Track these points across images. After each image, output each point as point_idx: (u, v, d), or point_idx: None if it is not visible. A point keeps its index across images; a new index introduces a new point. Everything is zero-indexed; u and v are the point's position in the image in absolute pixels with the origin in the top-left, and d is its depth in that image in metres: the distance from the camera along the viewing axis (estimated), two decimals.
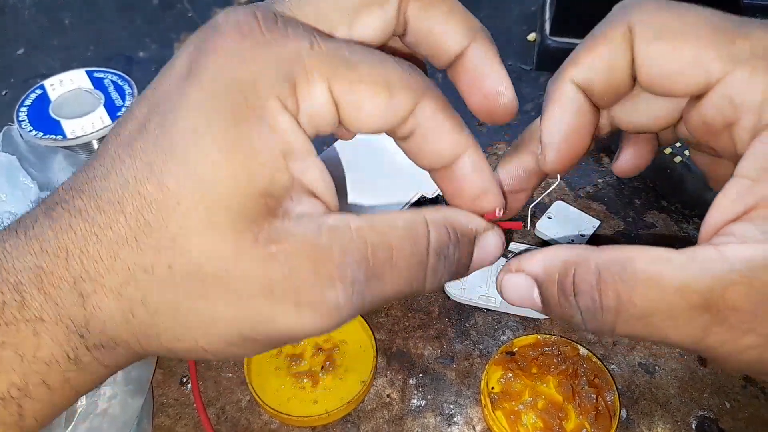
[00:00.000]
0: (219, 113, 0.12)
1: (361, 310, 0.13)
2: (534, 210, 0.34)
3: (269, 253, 0.12)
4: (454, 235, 0.14)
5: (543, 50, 0.43)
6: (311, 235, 0.13)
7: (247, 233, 0.12)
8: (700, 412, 0.28)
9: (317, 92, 0.13)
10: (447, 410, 0.28)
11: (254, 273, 0.12)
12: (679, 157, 0.34)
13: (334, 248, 0.13)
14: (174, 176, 0.12)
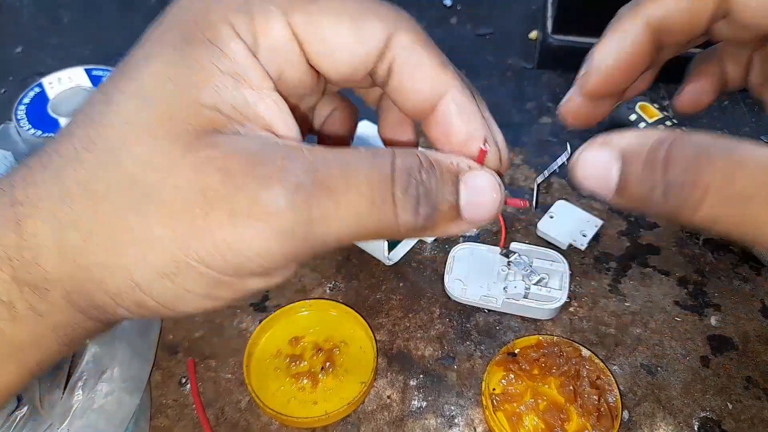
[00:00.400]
0: (170, 38, 0.12)
1: (312, 231, 0.12)
2: (541, 186, 0.34)
3: (205, 158, 0.11)
4: (426, 161, 0.13)
5: (545, 48, 0.43)
6: (254, 145, 0.12)
7: (184, 142, 0.12)
8: (702, 414, 0.27)
9: (276, 26, 0.12)
10: (448, 412, 0.27)
11: (188, 182, 0.11)
12: None
13: (276, 154, 0.12)
14: (120, 91, 0.12)
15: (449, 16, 0.49)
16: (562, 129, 0.40)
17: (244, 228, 0.11)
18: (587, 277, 0.32)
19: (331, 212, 0.12)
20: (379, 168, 0.12)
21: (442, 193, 0.13)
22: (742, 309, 0.31)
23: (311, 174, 0.11)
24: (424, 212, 0.12)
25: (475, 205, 0.13)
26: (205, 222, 0.11)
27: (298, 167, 0.11)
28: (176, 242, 0.11)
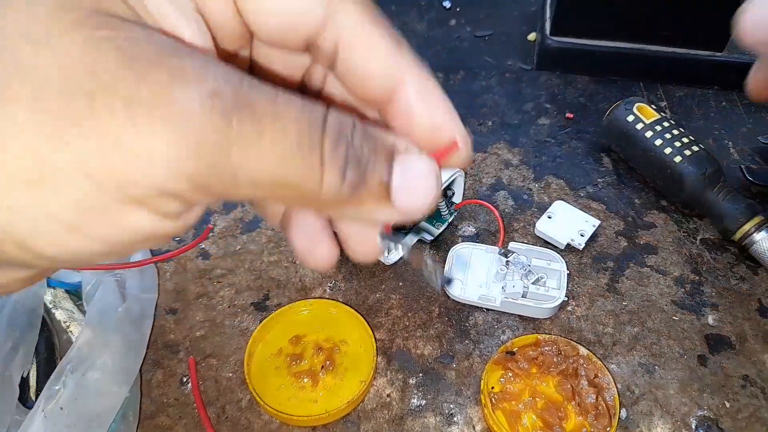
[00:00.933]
0: None
1: (227, 155, 0.09)
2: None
3: (102, 36, 0.09)
4: (361, 127, 0.11)
5: (543, 50, 0.43)
6: (163, 39, 0.09)
7: (75, 17, 0.09)
8: (699, 412, 0.27)
9: None
10: (447, 410, 0.28)
11: (73, 59, 0.08)
12: (679, 156, 0.34)
13: (191, 54, 0.09)
14: None
15: (448, 17, 0.49)
16: (559, 130, 0.41)
17: (146, 126, 0.08)
18: (585, 276, 0.32)
19: (252, 140, 0.09)
20: (311, 112, 0.10)
21: (373, 165, 0.11)
22: (739, 308, 0.31)
23: (232, 86, 0.09)
24: (351, 178, 0.10)
25: (407, 190, 0.11)
26: (92, 111, 0.08)
27: (218, 74, 0.09)
28: (46, 134, 0.08)
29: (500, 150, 0.39)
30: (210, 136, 0.09)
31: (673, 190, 0.35)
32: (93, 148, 0.08)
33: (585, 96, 0.43)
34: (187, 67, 0.09)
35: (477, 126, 0.41)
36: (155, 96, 0.09)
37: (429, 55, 0.46)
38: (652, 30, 0.41)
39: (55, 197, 0.09)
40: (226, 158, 0.09)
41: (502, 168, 0.38)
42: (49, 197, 0.09)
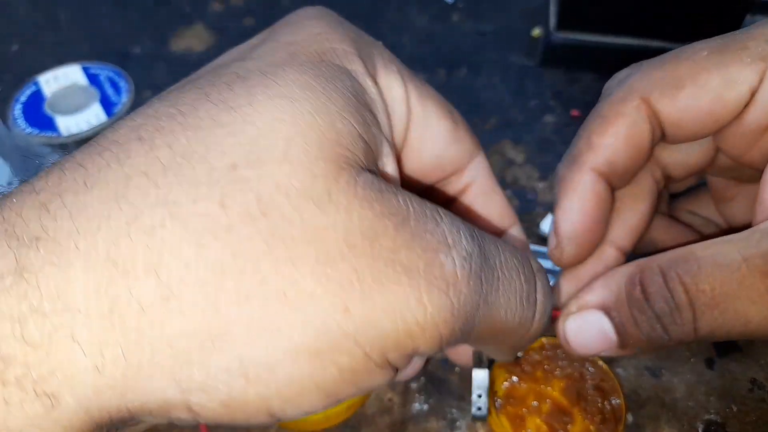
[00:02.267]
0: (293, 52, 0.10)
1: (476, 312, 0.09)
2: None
3: (369, 196, 0.09)
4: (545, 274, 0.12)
5: (547, 46, 0.43)
6: (415, 197, 0.10)
7: (337, 170, 0.09)
8: (706, 416, 0.27)
9: (394, 83, 0.11)
10: (449, 415, 0.27)
11: (349, 222, 0.08)
12: None
13: (442, 213, 0.10)
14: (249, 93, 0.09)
15: (450, 13, 0.48)
16: (564, 127, 0.40)
17: (425, 294, 0.09)
18: None
19: (491, 296, 0.10)
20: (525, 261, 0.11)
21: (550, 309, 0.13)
22: None
23: (477, 244, 0.10)
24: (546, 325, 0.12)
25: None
26: (374, 279, 0.08)
27: (464, 231, 0.10)
28: (331, 303, 0.08)
29: (504, 148, 0.39)
30: (470, 298, 0.09)
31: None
32: (371, 317, 0.08)
33: (590, 93, 0.42)
34: (444, 230, 0.09)
35: (480, 124, 0.40)
36: (427, 264, 0.09)
37: (430, 51, 0.45)
38: (659, 25, 0.40)
39: (328, 368, 0.08)
40: (473, 318, 0.10)
41: (507, 167, 0.38)
42: (323, 368, 0.08)
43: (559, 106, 0.41)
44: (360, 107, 0.10)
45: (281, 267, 0.08)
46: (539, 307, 0.11)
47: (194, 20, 0.48)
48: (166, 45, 0.46)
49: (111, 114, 0.34)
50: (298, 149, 0.09)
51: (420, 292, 0.09)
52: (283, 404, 0.08)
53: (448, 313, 0.09)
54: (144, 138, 0.09)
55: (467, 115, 0.15)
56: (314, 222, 0.08)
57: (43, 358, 0.07)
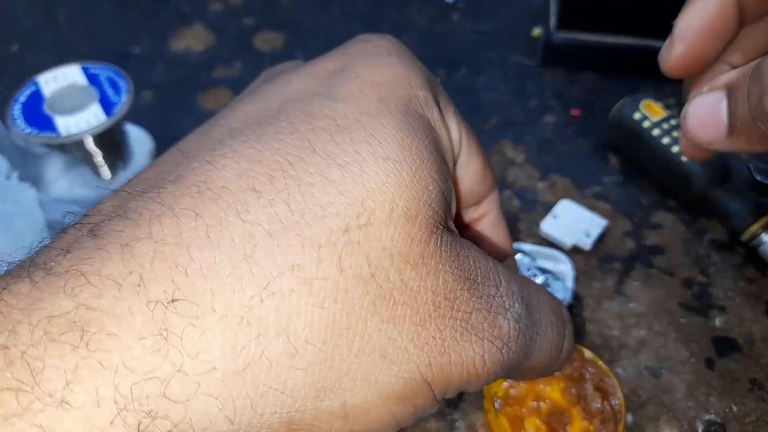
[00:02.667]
0: (391, 101, 0.10)
1: (520, 364, 0.11)
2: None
3: (450, 258, 0.10)
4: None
5: (548, 45, 0.43)
6: (476, 252, 0.11)
7: (425, 234, 0.10)
8: (706, 416, 0.27)
9: (454, 125, 0.12)
10: (449, 416, 0.27)
11: (433, 283, 0.10)
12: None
13: (503, 282, 0.11)
14: (346, 154, 0.09)
15: (450, 13, 0.48)
16: (565, 127, 0.40)
17: (485, 352, 0.10)
18: (591, 277, 0.32)
19: (533, 349, 0.11)
20: (560, 311, 0.12)
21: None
22: (747, 310, 0.31)
23: (525, 303, 0.11)
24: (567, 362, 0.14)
25: None
26: (453, 338, 0.10)
27: (515, 291, 0.11)
28: (421, 358, 0.09)
29: (504, 148, 0.39)
30: (516, 354, 0.11)
31: (681, 190, 0.34)
32: (445, 368, 0.10)
33: (591, 93, 0.42)
34: (503, 294, 0.11)
35: (480, 124, 0.40)
36: (491, 327, 0.10)
37: (430, 51, 0.45)
38: (659, 25, 0.40)
39: (407, 408, 0.10)
40: (520, 366, 0.11)
41: (507, 167, 0.37)
42: (404, 409, 0.10)
43: (559, 106, 0.41)
44: (441, 163, 0.11)
45: (384, 326, 0.09)
46: (564, 353, 0.12)
47: (194, 20, 0.48)
48: (165, 45, 0.46)
49: (110, 114, 0.34)
50: (399, 213, 0.10)
51: (483, 349, 0.10)
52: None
53: (499, 367, 0.11)
54: (259, 191, 0.09)
55: (467, 115, 0.15)
56: (411, 284, 0.09)
57: (182, 413, 0.08)
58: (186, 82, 0.43)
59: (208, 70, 0.44)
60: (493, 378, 0.11)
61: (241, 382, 0.08)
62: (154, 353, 0.08)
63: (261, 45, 0.46)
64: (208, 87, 0.43)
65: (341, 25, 0.47)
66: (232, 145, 0.10)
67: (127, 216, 0.09)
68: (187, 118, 0.41)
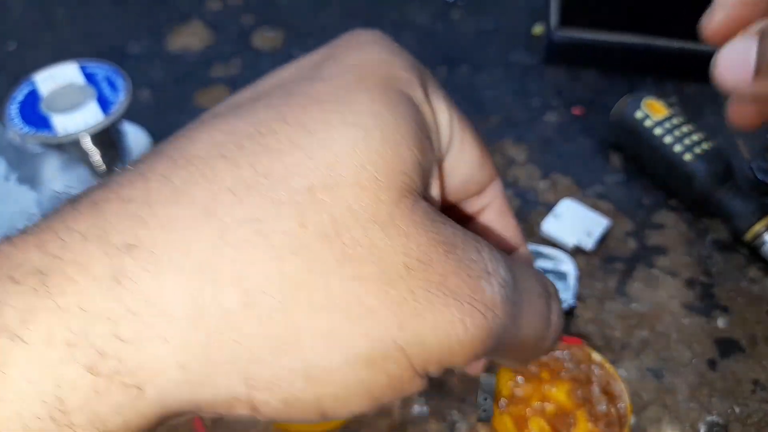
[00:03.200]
0: (369, 79, 0.10)
1: (505, 336, 0.10)
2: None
3: (425, 223, 0.10)
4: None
5: (549, 43, 0.42)
6: (461, 228, 0.10)
7: (398, 197, 0.10)
8: (708, 418, 0.27)
9: (443, 109, 0.12)
10: (450, 417, 0.27)
11: (407, 245, 0.09)
12: (689, 154, 0.33)
13: (480, 241, 0.10)
14: (323, 118, 0.10)
15: (450, 11, 0.48)
16: (566, 126, 0.40)
17: (465, 316, 0.09)
18: (593, 278, 0.32)
19: (520, 318, 0.11)
20: (544, 283, 0.12)
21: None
22: (750, 311, 0.30)
23: (510, 272, 0.11)
24: (558, 339, 0.13)
25: None
26: (427, 300, 0.09)
27: (499, 259, 0.10)
28: (388, 318, 0.09)
29: (505, 147, 0.38)
30: (504, 321, 0.10)
31: (683, 189, 0.34)
32: (421, 333, 0.09)
33: (593, 91, 0.42)
34: (485, 259, 0.10)
35: (481, 122, 0.40)
36: (472, 290, 0.10)
37: (431, 49, 0.44)
38: (660, 22, 0.40)
39: (378, 375, 0.09)
40: (504, 337, 0.11)
41: (508, 166, 0.37)
42: (374, 375, 0.09)
43: (560, 104, 0.41)
44: (421, 135, 0.11)
45: (348, 284, 0.09)
46: (553, 328, 0.12)
47: (191, 18, 0.48)
48: (163, 43, 0.46)
49: (108, 112, 0.33)
50: (368, 176, 0.09)
51: (463, 314, 0.10)
52: (335, 405, 0.09)
53: (485, 334, 0.10)
54: (227, 156, 0.09)
55: (468, 113, 0.15)
56: (379, 244, 0.09)
57: (133, 354, 0.08)
58: (184, 81, 0.43)
59: (207, 69, 0.44)
60: (480, 348, 0.10)
61: (194, 329, 0.08)
62: (107, 295, 0.08)
63: (260, 43, 0.45)
64: (206, 85, 0.43)
65: (340, 24, 0.46)
66: (212, 122, 0.10)
67: (104, 184, 0.09)
68: (185, 116, 0.41)
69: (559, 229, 0.33)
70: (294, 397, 0.09)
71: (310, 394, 0.09)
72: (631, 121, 0.35)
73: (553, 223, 0.33)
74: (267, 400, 0.09)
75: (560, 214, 0.33)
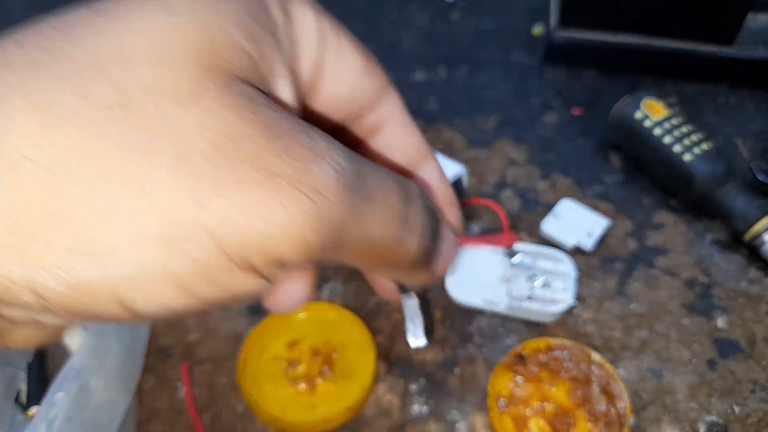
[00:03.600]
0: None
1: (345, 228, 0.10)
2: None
3: (244, 104, 0.09)
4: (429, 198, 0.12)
5: (549, 44, 0.42)
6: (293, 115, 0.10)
7: (217, 78, 0.09)
8: (708, 417, 0.27)
9: (307, 14, 0.11)
10: (449, 417, 0.27)
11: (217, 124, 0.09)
12: (688, 154, 0.33)
13: (319, 131, 0.10)
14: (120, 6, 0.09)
15: (450, 11, 0.48)
16: (566, 126, 0.40)
17: (287, 198, 0.09)
18: (593, 278, 0.31)
19: (366, 212, 0.10)
20: (405, 183, 0.11)
21: (437, 231, 0.12)
22: (749, 311, 0.30)
23: (352, 161, 0.10)
24: (428, 248, 0.12)
25: (444, 258, 0.13)
26: (235, 179, 0.08)
27: (340, 149, 0.10)
28: (184, 195, 0.08)
29: (505, 147, 0.38)
30: (339, 210, 0.09)
31: (683, 189, 0.34)
32: (228, 214, 0.08)
33: (592, 91, 0.42)
34: (319, 143, 0.09)
35: (481, 122, 0.40)
36: (296, 171, 0.09)
37: (431, 49, 0.44)
38: (660, 23, 0.40)
39: (177, 257, 0.08)
40: (345, 230, 0.10)
41: (508, 166, 0.37)
42: (172, 256, 0.08)
43: (560, 104, 0.41)
44: (253, 26, 0.10)
45: (134, 156, 0.08)
46: (418, 228, 0.11)
47: None
48: None
49: None
50: (168, 53, 0.09)
51: (282, 195, 0.09)
52: (132, 292, 0.09)
53: (315, 221, 0.09)
54: (20, 41, 0.09)
55: (468, 113, 0.15)
56: (176, 120, 0.08)
57: None
58: None
59: None
60: (313, 238, 0.09)
61: None
62: None
63: None
64: None
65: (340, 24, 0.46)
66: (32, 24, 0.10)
67: None
68: None
69: (559, 229, 0.33)
70: (80, 282, 0.08)
71: (99, 278, 0.08)
72: (630, 121, 0.35)
73: (553, 223, 0.33)
74: (48, 284, 0.08)
75: (560, 215, 0.33)
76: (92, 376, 0.23)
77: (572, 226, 0.33)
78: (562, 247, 0.32)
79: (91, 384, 0.23)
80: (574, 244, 0.32)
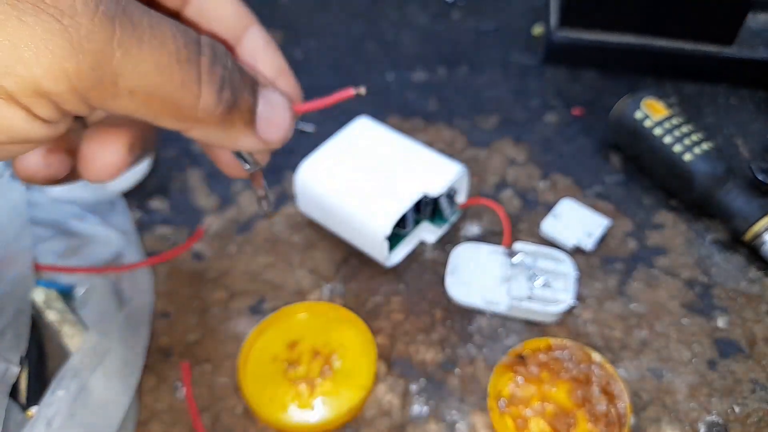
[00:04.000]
0: None
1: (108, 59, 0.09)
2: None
3: None
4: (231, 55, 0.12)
5: (549, 44, 0.42)
6: None
7: None
8: (708, 418, 0.27)
9: None
10: (449, 417, 0.27)
11: None
12: (688, 154, 0.33)
13: None
14: None
15: (450, 11, 0.48)
16: (566, 126, 0.40)
17: (31, 17, 0.08)
18: (593, 278, 0.32)
19: (133, 47, 0.10)
20: (185, 31, 0.11)
21: (242, 91, 0.12)
22: (749, 311, 0.30)
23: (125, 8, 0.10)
24: (226, 98, 0.11)
25: (269, 120, 0.13)
26: None
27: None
28: None
29: (505, 147, 0.38)
30: (94, 35, 0.09)
31: (683, 189, 0.34)
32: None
33: (593, 91, 0.42)
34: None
35: (481, 122, 0.40)
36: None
37: (431, 49, 0.44)
38: (660, 23, 0.40)
39: None
40: (108, 62, 0.09)
41: (508, 166, 0.37)
42: None
43: (560, 104, 0.41)
44: None
45: None
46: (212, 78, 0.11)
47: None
48: None
49: None
50: None
51: (27, 14, 0.08)
52: None
53: (66, 43, 0.09)
54: None
55: (468, 113, 0.15)
56: None
57: None
58: None
59: None
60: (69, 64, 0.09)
61: None
62: None
63: None
64: None
65: (340, 24, 0.46)
66: None
67: None
68: None
69: (559, 229, 0.33)
70: None
71: None
72: (630, 121, 0.35)
73: (553, 223, 0.33)
74: None
75: (560, 214, 0.33)
76: (92, 376, 0.23)
77: (572, 226, 0.33)
78: (563, 247, 0.32)
79: (91, 383, 0.23)
80: (575, 244, 0.32)
